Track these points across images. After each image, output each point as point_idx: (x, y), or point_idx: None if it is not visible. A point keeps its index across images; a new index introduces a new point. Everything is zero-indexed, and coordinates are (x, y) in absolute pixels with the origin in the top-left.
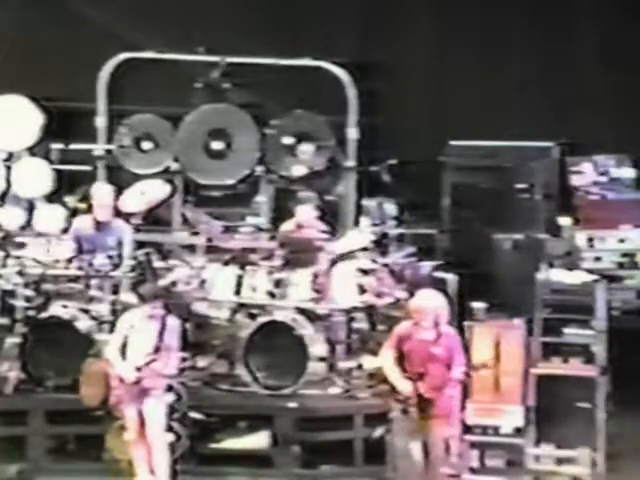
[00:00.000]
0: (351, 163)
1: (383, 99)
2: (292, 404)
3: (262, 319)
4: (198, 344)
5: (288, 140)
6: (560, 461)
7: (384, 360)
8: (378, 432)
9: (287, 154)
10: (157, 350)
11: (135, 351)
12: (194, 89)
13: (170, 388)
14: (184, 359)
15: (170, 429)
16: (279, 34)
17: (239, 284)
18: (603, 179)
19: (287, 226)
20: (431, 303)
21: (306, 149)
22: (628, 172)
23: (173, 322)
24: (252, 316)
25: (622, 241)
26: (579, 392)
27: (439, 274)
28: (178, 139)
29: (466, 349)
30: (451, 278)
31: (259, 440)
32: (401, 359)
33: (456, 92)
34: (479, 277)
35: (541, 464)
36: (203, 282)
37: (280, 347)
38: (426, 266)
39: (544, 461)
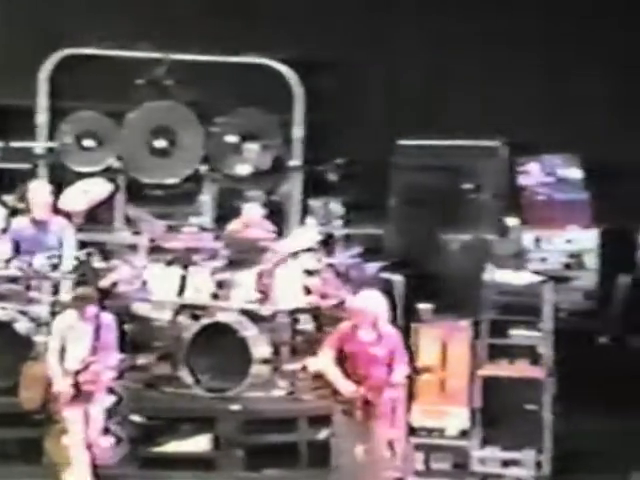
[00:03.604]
0: (297, 162)
1: (330, 97)
2: (235, 406)
3: (205, 320)
4: (140, 345)
5: (233, 138)
6: (506, 463)
7: (323, 361)
8: (323, 434)
9: (232, 152)
10: (94, 351)
11: (73, 353)
12: (137, 86)
13: (111, 390)
14: (123, 360)
15: (111, 432)
16: (225, 31)
17: (182, 285)
18: (550, 179)
19: (234, 225)
20: (370, 303)
21: (251, 148)
22: (575, 172)
23: (108, 320)
24: (195, 317)
25: (569, 242)
26: (525, 393)
27: (385, 275)
28: (121, 137)
29: (412, 350)
30: (397, 279)
31: (201, 443)
32: (343, 360)
33: (404, 91)
34: (426, 278)
35: (486, 466)
36: (145, 283)
37: (223, 349)
38: (372, 267)
39: (489, 463)
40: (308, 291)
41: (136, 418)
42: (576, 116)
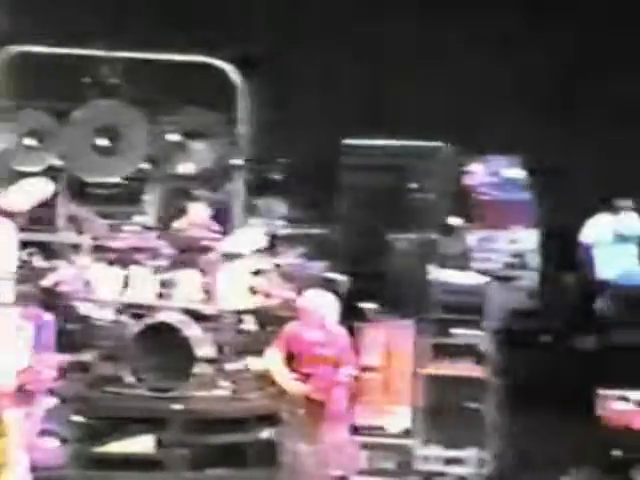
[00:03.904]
0: (241, 161)
1: (274, 96)
2: (179, 406)
3: (148, 320)
4: (82, 346)
5: (177, 137)
6: (448, 461)
7: (271, 361)
8: (267, 434)
9: (176, 151)
10: (35, 351)
11: (12, 354)
12: (82, 84)
13: (52, 392)
14: (66, 361)
15: (54, 434)
16: (169, 30)
17: (125, 284)
18: (494, 180)
19: (178, 225)
20: (318, 303)
21: (196, 146)
22: (518, 173)
23: (49, 320)
24: (138, 317)
25: (512, 242)
26: (468, 392)
27: (330, 274)
28: (64, 135)
29: (356, 350)
30: (342, 278)
31: (145, 443)
32: (290, 360)
33: (350, 90)
34: (370, 277)
35: (429, 465)
36: (88, 282)
37: (167, 348)
38: (317, 266)
39: (432, 462)
40: (252, 291)
41: (79, 419)
42: (519, 117)
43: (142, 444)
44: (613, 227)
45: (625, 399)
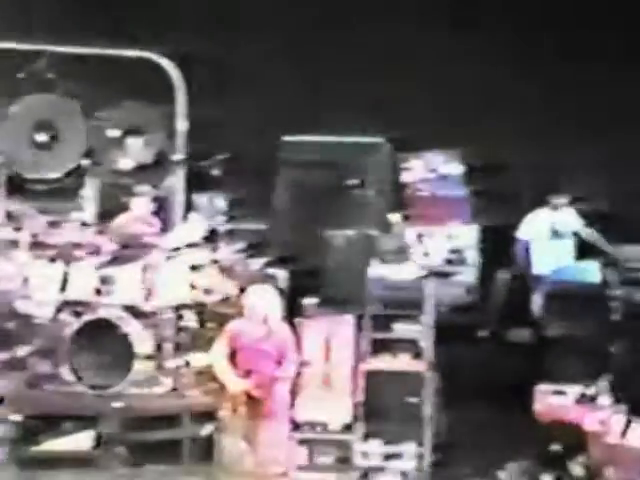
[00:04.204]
0: (180, 156)
1: (213, 92)
2: (118, 403)
3: (87, 317)
4: (21, 343)
5: (115, 132)
6: (388, 456)
7: (215, 358)
8: (206, 430)
9: (114, 147)
10: None
11: None
12: (18, 79)
13: None
14: (3, 359)
15: None
16: (107, 24)
17: (64, 281)
18: (432, 176)
19: (119, 220)
20: (261, 299)
21: (134, 142)
22: (457, 169)
23: None
24: (77, 314)
25: (450, 237)
26: (407, 387)
27: (270, 270)
28: (2, 131)
29: (297, 346)
30: (282, 274)
31: (83, 441)
32: (232, 356)
33: (290, 86)
34: (310, 273)
35: (369, 460)
36: (26, 279)
37: (106, 345)
38: (257, 262)
39: (372, 457)
40: (192, 287)
41: (16, 417)
42: (457, 113)
43: (80, 442)
44: (550, 223)
45: (561, 393)
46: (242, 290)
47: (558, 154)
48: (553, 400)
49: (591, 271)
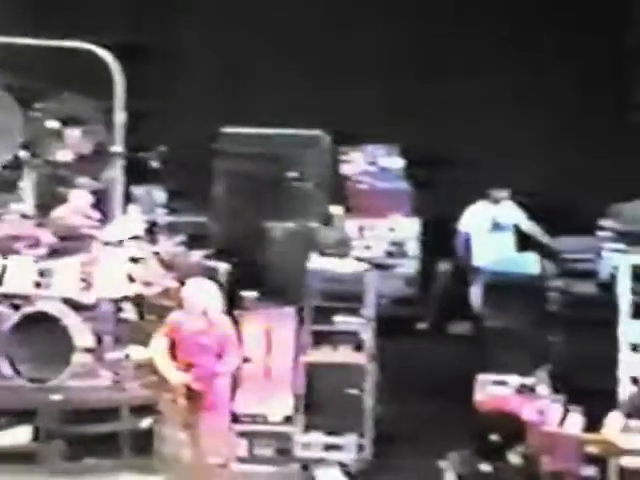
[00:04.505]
0: (119, 148)
1: (153, 84)
2: (57, 397)
3: (26, 310)
4: None
5: (54, 124)
6: (328, 448)
7: (155, 350)
8: (146, 423)
9: (53, 138)
10: None
11: None
12: None
13: None
14: None
15: None
16: (46, 14)
17: (2, 274)
18: (372, 168)
19: (58, 213)
20: (201, 292)
21: (73, 133)
22: (397, 162)
23: None
24: (15, 307)
25: (392, 230)
26: (348, 379)
27: (210, 263)
28: None
29: (237, 338)
30: (222, 267)
31: (21, 435)
32: (172, 349)
33: (229, 77)
34: (250, 265)
35: (309, 451)
36: None
37: (45, 338)
38: (197, 254)
39: (312, 448)
40: (132, 279)
41: None
42: (397, 106)
43: (17, 436)
44: (490, 216)
45: (501, 383)
46: (182, 283)
47: (498, 148)
48: (493, 390)
49: (530, 263)
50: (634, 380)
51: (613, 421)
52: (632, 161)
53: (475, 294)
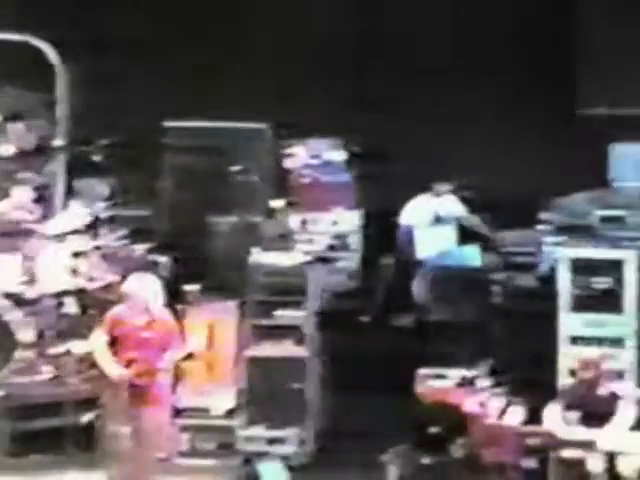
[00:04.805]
0: (61, 142)
1: (95, 77)
2: None
3: None
4: None
5: None
6: (271, 441)
7: (95, 345)
8: (88, 418)
9: None
10: None
11: None
12: None
13: None
14: None
15: None
16: None
17: None
18: (316, 162)
19: (1, 208)
20: (142, 287)
21: (15, 127)
22: (340, 155)
23: None
24: None
25: (334, 223)
26: (290, 373)
27: (153, 257)
28: None
29: (180, 333)
30: (165, 261)
31: None
32: (114, 344)
33: (173, 71)
34: (193, 260)
35: (252, 445)
36: None
37: None
38: (139, 249)
39: (255, 442)
40: (74, 273)
41: None
42: (340, 99)
43: None
44: (432, 209)
45: (443, 376)
46: (124, 277)
47: (441, 142)
48: (434, 383)
49: (472, 256)
50: (572, 372)
51: (552, 413)
52: (572, 155)
53: (417, 287)
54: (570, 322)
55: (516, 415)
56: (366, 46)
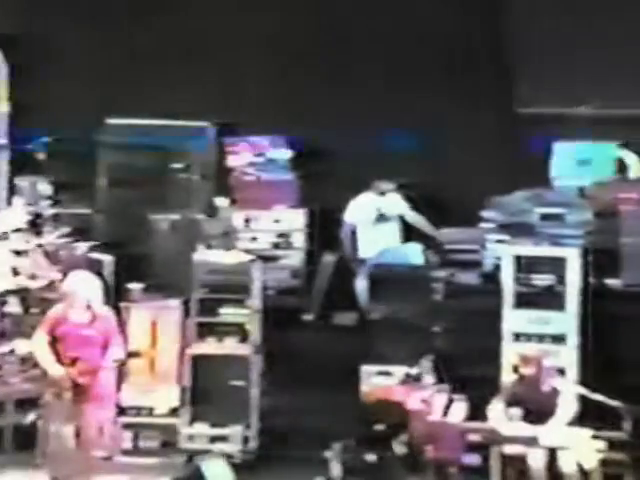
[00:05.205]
0: (2, 140)
1: (37, 73)
2: None
3: None
4: None
5: None
6: (214, 439)
7: (36, 344)
8: (30, 418)
9: None
10: None
11: None
12: None
13: None
14: None
15: None
16: None
17: None
18: (258, 160)
19: None
20: (83, 285)
21: None
22: (283, 153)
23: None
24: None
25: (277, 221)
26: (234, 371)
27: (95, 255)
28: None
29: (122, 331)
30: (107, 259)
31: None
32: (56, 343)
33: (114, 69)
34: (135, 258)
35: (195, 443)
36: None
37: None
38: (81, 247)
39: (198, 440)
40: (16, 272)
41: None
42: (283, 97)
43: None
44: (375, 207)
45: (386, 374)
46: (67, 275)
47: (383, 140)
48: (378, 381)
49: (414, 254)
50: (515, 369)
51: (495, 409)
52: (513, 153)
53: (360, 285)
54: (513, 319)
55: (459, 412)
56: (310, 45)
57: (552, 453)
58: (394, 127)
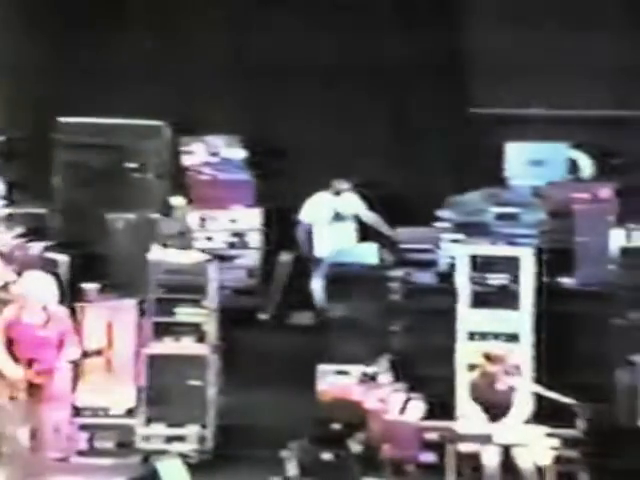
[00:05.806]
0: None
1: None
2: None
3: None
4: None
5: None
6: (170, 439)
7: None
8: None
9: None
10: None
11: None
12: None
13: None
14: None
15: None
16: None
17: None
18: (214, 159)
19: None
20: (37, 285)
21: None
22: (238, 153)
23: None
24: None
25: (233, 221)
26: (190, 370)
27: (50, 255)
28: None
29: (78, 331)
30: (62, 259)
31: None
32: (10, 344)
33: (69, 67)
34: (91, 258)
35: (151, 443)
36: None
37: None
38: (36, 247)
39: (154, 440)
40: None
41: None
42: (240, 96)
43: None
44: (331, 207)
45: (343, 373)
46: (21, 276)
47: (340, 138)
48: (334, 380)
49: (370, 253)
50: (471, 367)
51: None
52: (468, 153)
53: (316, 284)
54: (468, 318)
55: (416, 410)
56: (267, 44)
57: (506, 451)
58: (350, 127)
